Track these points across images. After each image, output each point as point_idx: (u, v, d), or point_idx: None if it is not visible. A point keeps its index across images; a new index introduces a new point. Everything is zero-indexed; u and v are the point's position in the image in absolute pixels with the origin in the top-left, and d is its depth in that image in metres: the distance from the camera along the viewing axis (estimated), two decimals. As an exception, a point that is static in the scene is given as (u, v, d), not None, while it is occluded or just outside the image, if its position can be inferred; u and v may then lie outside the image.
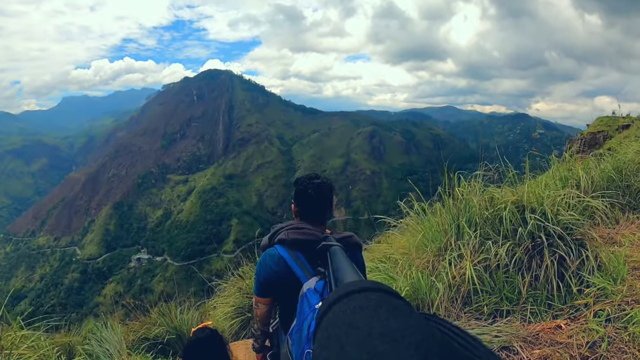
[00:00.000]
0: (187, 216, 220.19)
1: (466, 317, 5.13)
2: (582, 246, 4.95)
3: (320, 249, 2.66)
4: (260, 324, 3.33)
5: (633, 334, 3.77)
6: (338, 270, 2.09)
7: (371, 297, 0.83)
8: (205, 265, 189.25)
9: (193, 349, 3.72)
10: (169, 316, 8.96)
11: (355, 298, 0.84)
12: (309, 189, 3.08)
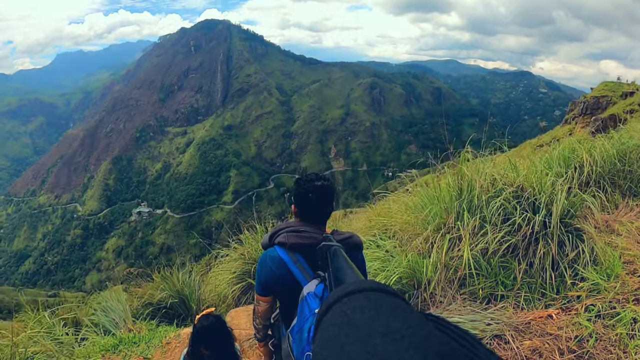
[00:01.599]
0: (186, 168, 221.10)
1: (461, 299, 5.19)
2: (579, 237, 4.93)
3: (320, 250, 2.64)
4: (261, 319, 3.34)
5: (620, 334, 3.81)
6: (338, 271, 2.08)
7: (371, 297, 0.84)
8: (205, 216, 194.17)
9: (199, 337, 3.78)
10: (171, 280, 9.06)
11: (355, 298, 0.84)
12: (309, 192, 2.96)
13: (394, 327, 0.71)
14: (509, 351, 4.06)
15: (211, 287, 9.42)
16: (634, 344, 3.76)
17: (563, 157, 6.91)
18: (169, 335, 6.81)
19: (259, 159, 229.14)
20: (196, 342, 3.79)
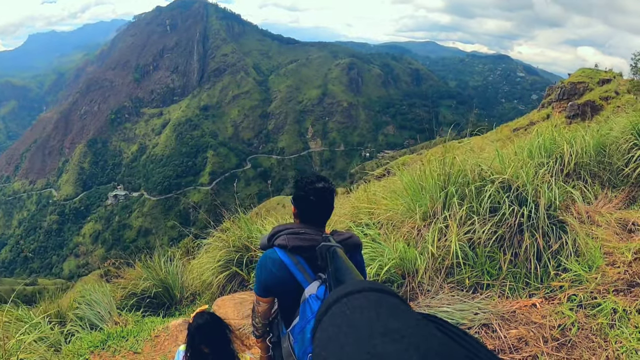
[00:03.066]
0: (162, 150, 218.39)
1: (449, 288, 5.35)
2: (562, 229, 5.15)
3: (319, 250, 2.66)
4: (261, 319, 3.37)
5: (601, 324, 4.04)
6: (337, 271, 2.09)
7: (370, 297, 0.84)
8: (182, 198, 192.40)
9: (196, 335, 3.83)
10: (153, 269, 9.01)
11: (355, 298, 0.85)
12: (310, 194, 2.98)
13: (394, 327, 0.71)
14: (497, 340, 4.22)
15: (194, 275, 9.36)
16: (614, 334, 3.96)
17: (544, 148, 7.04)
18: (157, 328, 6.73)
19: (235, 139, 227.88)
20: (195, 341, 3.83)
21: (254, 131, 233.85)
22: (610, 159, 7.18)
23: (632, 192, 6.81)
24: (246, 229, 8.68)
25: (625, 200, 6.74)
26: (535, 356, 3.98)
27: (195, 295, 9.19)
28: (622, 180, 6.99)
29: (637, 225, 5.84)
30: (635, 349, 3.81)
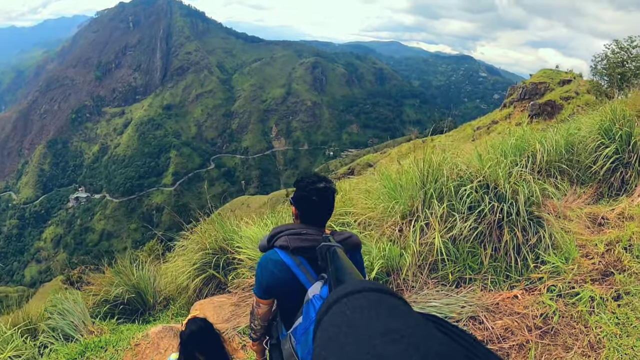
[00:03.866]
0: (124, 150, 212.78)
1: (433, 284, 5.48)
2: (539, 224, 5.39)
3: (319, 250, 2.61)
4: (260, 321, 3.33)
5: (581, 311, 4.32)
6: (337, 271, 2.02)
7: (370, 297, 0.85)
8: (145, 199, 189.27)
9: (189, 342, 3.75)
10: (125, 274, 8.76)
11: (355, 298, 0.86)
12: (312, 195, 2.94)
13: (394, 327, 0.72)
14: (485, 331, 4.43)
15: (168, 279, 9.15)
16: (594, 320, 4.27)
17: (517, 147, 7.25)
18: (136, 336, 6.50)
19: (199, 139, 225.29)
20: (188, 348, 3.75)
21: (217, 130, 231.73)
22: (578, 157, 7.51)
23: (600, 188, 7.13)
24: (222, 230, 8.55)
25: (594, 195, 7.08)
26: (521, 344, 4.16)
27: (169, 300, 9.06)
28: (590, 177, 7.32)
29: (606, 219, 6.12)
30: (614, 333, 4.06)
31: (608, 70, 23.84)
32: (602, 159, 7.05)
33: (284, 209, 11.95)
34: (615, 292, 4.63)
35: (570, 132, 8.04)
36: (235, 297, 7.37)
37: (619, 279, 4.79)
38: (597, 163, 7.15)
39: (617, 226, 6.03)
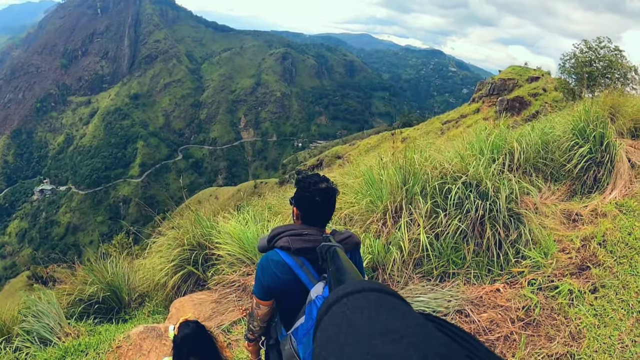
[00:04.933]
0: (90, 141, 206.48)
1: (418, 279, 5.65)
2: (519, 220, 5.66)
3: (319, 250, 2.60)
4: (260, 322, 3.29)
5: (561, 304, 4.58)
6: (338, 271, 2.03)
7: (370, 297, 0.86)
8: (112, 191, 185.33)
9: (184, 346, 3.70)
10: (99, 271, 8.52)
11: (355, 298, 0.86)
12: (315, 195, 2.91)
13: (394, 327, 0.72)
14: (472, 324, 4.59)
15: (143, 276, 8.91)
16: (574, 312, 4.50)
17: (494, 144, 7.45)
18: (117, 338, 6.29)
19: (167, 129, 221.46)
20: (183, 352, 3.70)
21: (185, 121, 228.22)
22: (552, 155, 7.71)
23: (573, 186, 7.36)
24: (200, 226, 8.41)
25: (567, 192, 7.30)
26: (506, 336, 4.38)
27: (144, 297, 8.91)
28: (563, 174, 7.56)
29: (580, 215, 6.38)
30: (593, 324, 4.34)
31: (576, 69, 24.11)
32: (576, 158, 7.27)
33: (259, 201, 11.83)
34: (592, 285, 4.86)
35: (545, 132, 8.21)
36: (216, 294, 7.26)
37: (595, 272, 5.03)
38: (571, 161, 7.37)
39: (590, 222, 6.27)
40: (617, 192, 6.98)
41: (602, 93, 9.26)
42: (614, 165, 7.24)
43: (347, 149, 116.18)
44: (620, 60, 22.96)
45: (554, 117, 9.56)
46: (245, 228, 7.70)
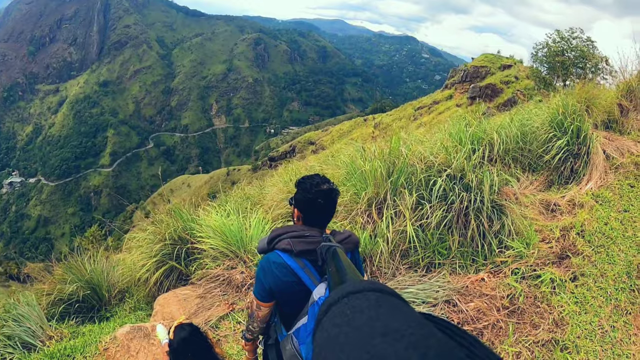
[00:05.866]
0: (59, 130, 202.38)
1: (405, 270, 5.75)
2: (502, 211, 5.76)
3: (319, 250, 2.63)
4: (260, 323, 3.28)
5: (544, 292, 4.73)
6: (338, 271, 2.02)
7: (370, 297, 0.86)
8: (82, 182, 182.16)
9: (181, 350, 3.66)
10: (77, 269, 8.29)
11: (355, 298, 0.87)
12: (318, 197, 2.88)
13: (394, 327, 0.73)
14: (460, 313, 4.69)
15: (124, 272, 8.74)
16: (556, 300, 4.65)
17: (474, 136, 7.60)
18: (103, 340, 6.15)
19: (137, 117, 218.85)
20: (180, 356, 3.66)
21: (156, 108, 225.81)
22: (530, 146, 7.95)
23: (550, 176, 7.64)
24: (181, 220, 8.28)
25: (545, 182, 7.57)
26: (493, 324, 4.49)
27: (124, 293, 8.78)
28: (541, 165, 7.81)
29: (558, 205, 6.61)
30: (574, 311, 4.53)
31: (548, 58, 24.55)
32: (554, 150, 7.38)
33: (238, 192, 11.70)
34: (572, 274, 5.07)
35: (524, 123, 8.30)
36: (200, 288, 7.16)
37: (575, 261, 5.26)
38: (548, 153, 7.49)
39: (568, 212, 6.44)
40: (593, 183, 7.13)
41: (577, 85, 9.23)
42: (590, 157, 7.39)
43: (319, 134, 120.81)
44: (592, 51, 23.18)
45: (531, 108, 9.64)
46: (227, 221, 7.57)
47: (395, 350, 0.67)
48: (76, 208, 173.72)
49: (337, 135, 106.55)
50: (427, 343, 0.69)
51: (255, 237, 7.27)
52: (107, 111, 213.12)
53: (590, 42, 24.42)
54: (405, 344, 0.68)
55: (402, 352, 0.66)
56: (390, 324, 0.73)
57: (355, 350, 0.69)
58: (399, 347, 0.67)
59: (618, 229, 6.13)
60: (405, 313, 0.79)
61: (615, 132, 8.65)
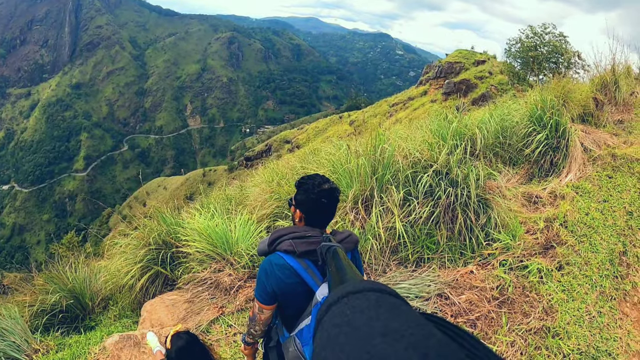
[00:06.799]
0: (32, 135, 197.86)
1: (395, 266, 5.79)
2: (487, 205, 5.86)
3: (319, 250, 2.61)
4: (262, 326, 3.24)
5: (532, 282, 4.84)
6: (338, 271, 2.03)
7: (370, 297, 0.86)
8: (57, 187, 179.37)
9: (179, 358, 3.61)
10: (59, 278, 8.14)
11: (355, 298, 0.87)
12: (321, 197, 2.86)
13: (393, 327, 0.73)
14: (453, 306, 4.75)
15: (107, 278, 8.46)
16: (544, 288, 4.75)
17: (457, 131, 7.64)
18: (92, 350, 6.06)
19: (111, 119, 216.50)
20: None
21: (130, 110, 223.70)
22: (510, 141, 8.16)
23: (531, 169, 7.83)
24: (165, 224, 8.13)
25: (525, 175, 7.75)
26: (485, 315, 4.56)
27: (107, 301, 8.60)
28: (521, 159, 8.01)
29: (539, 197, 6.78)
30: (562, 299, 4.64)
31: (522, 54, 24.81)
32: (534, 144, 7.60)
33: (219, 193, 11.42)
34: (557, 264, 5.20)
35: (504, 118, 8.45)
36: (188, 293, 7.06)
37: (560, 251, 5.39)
38: (528, 147, 7.72)
39: (549, 204, 6.66)
40: (572, 175, 7.27)
41: (553, 80, 9.25)
42: (568, 150, 7.54)
43: (295, 133, 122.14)
44: (564, 46, 23.48)
45: (510, 104, 9.69)
46: (212, 223, 7.44)
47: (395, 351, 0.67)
48: (51, 214, 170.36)
49: (312, 133, 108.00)
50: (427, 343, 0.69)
51: (241, 239, 7.19)
52: (80, 114, 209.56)
53: (562, 37, 24.65)
54: (405, 344, 0.68)
55: (402, 352, 0.66)
56: (390, 324, 0.73)
57: (355, 350, 0.69)
58: (399, 347, 0.67)
59: (599, 218, 6.32)
60: (405, 313, 0.79)
61: (591, 125, 8.86)
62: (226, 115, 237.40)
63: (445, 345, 0.70)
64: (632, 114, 9.92)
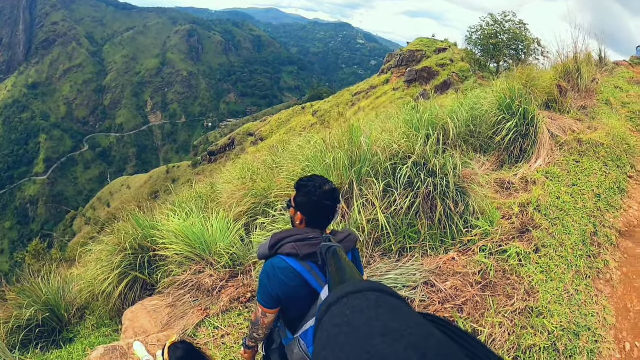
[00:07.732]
0: None
1: (379, 257, 5.86)
2: (464, 193, 6.00)
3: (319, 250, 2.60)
4: (265, 330, 3.20)
5: (512, 265, 5.02)
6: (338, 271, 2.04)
7: (370, 297, 0.87)
8: (17, 192, 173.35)
9: None
10: (32, 292, 7.89)
11: (355, 298, 0.87)
12: (323, 199, 2.84)
13: (393, 327, 0.73)
14: (440, 293, 4.83)
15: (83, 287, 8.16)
16: (525, 271, 4.93)
17: (429, 121, 7.74)
18: None
19: (70, 119, 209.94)
20: None
21: (89, 108, 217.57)
22: (480, 129, 8.37)
23: (501, 156, 8.05)
24: (140, 227, 7.92)
25: (496, 162, 7.98)
26: (470, 299, 4.69)
27: (83, 310, 8.36)
28: (492, 146, 8.24)
29: (511, 183, 6.99)
30: (542, 280, 4.85)
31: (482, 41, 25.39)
32: (505, 131, 7.82)
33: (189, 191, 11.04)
34: (534, 247, 5.40)
35: (473, 107, 8.73)
36: (169, 297, 6.89)
37: (535, 235, 5.59)
38: (499, 134, 7.94)
39: (522, 189, 6.87)
40: (541, 161, 7.54)
41: (517, 68, 9.40)
42: (537, 137, 7.81)
43: (258, 125, 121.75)
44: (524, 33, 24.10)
45: (478, 92, 9.84)
46: (188, 224, 7.25)
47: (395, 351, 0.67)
48: (13, 221, 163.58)
49: (276, 125, 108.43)
50: (426, 343, 0.69)
51: (220, 238, 7.08)
52: (38, 115, 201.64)
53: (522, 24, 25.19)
54: (404, 344, 0.68)
55: (401, 353, 0.66)
56: (390, 324, 0.74)
57: (355, 350, 0.69)
58: (399, 347, 0.67)
59: (569, 202, 6.53)
60: (405, 313, 0.79)
61: (556, 112, 9.05)
62: (188, 110, 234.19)
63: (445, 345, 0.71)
64: (594, 100, 10.28)
